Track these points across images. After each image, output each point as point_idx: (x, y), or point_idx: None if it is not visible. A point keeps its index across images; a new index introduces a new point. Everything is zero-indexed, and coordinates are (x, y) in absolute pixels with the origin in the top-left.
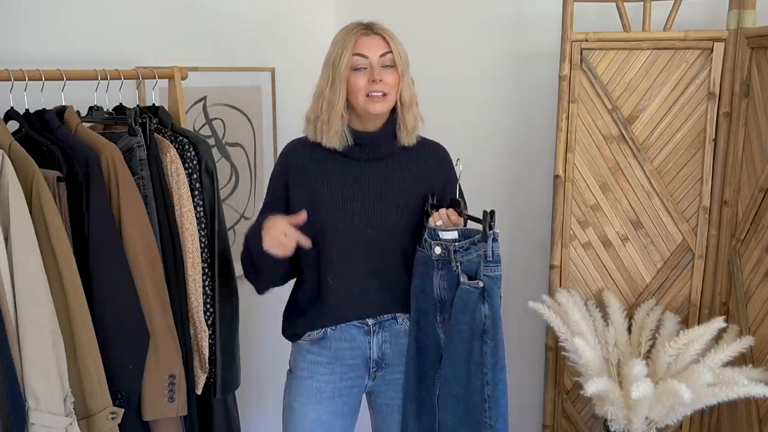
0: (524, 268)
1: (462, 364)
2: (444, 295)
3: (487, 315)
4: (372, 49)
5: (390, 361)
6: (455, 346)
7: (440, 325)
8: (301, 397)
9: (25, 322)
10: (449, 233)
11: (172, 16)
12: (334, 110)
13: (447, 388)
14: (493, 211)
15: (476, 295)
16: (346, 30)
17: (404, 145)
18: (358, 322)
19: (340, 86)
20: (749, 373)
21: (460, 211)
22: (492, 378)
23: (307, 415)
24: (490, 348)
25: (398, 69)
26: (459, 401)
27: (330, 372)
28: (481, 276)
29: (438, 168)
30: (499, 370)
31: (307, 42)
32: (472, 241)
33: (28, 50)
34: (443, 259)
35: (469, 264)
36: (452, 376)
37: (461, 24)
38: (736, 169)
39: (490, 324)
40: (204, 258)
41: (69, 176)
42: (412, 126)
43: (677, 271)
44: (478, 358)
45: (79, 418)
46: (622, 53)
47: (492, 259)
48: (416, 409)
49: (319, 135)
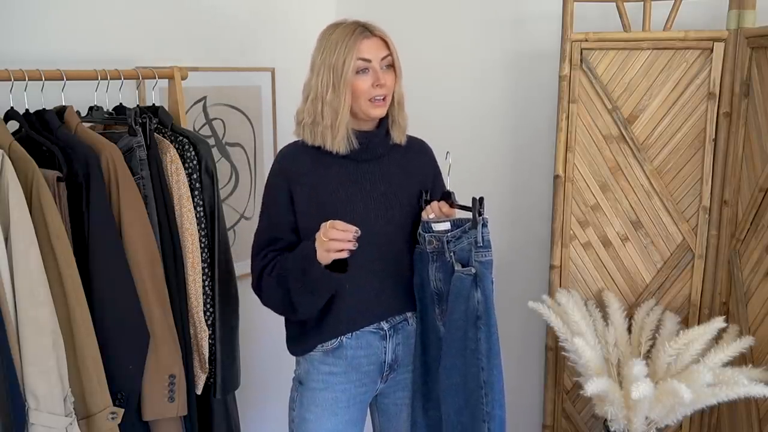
0: (524, 268)
1: (459, 353)
2: (440, 286)
3: (479, 300)
4: (374, 52)
5: (401, 362)
6: (452, 335)
7: (439, 318)
8: (317, 408)
9: (25, 322)
10: (441, 224)
11: (172, 16)
12: (340, 117)
13: (447, 379)
14: (482, 198)
15: (469, 282)
16: (343, 31)
17: (396, 143)
18: (374, 328)
19: (345, 92)
20: (749, 373)
21: (451, 202)
22: (487, 364)
23: (322, 426)
24: (484, 334)
25: (396, 70)
26: (459, 391)
27: (346, 381)
28: (473, 262)
29: (428, 164)
30: (493, 355)
31: (307, 42)
32: (463, 229)
33: (28, 50)
34: (437, 251)
35: (462, 252)
36: (451, 366)
37: (461, 24)
38: (736, 169)
39: (482, 309)
40: (204, 258)
41: (69, 176)
42: (406, 125)
43: (677, 271)
44: (473, 345)
45: (79, 418)
46: (622, 53)
47: (482, 245)
48: (423, 405)
49: (321, 139)
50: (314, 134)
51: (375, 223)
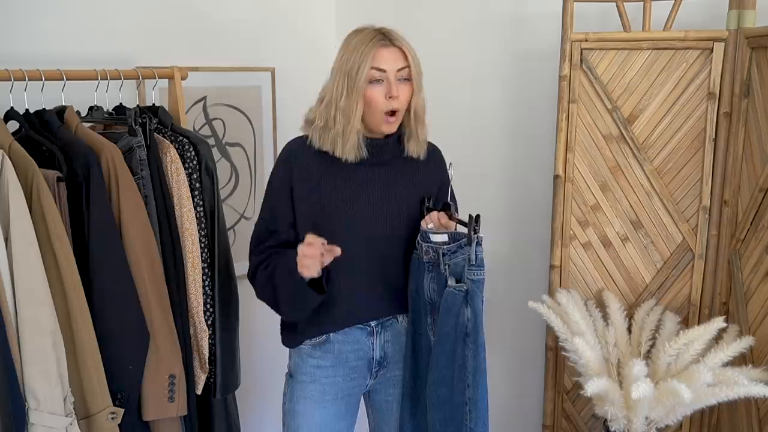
0: (524, 268)
1: (447, 366)
2: (434, 297)
3: (469, 318)
4: (390, 62)
5: (391, 359)
6: (441, 348)
7: (430, 327)
8: (305, 400)
9: (25, 321)
10: (439, 236)
11: (172, 16)
12: (351, 124)
13: (434, 390)
14: (478, 216)
15: (460, 298)
16: (363, 37)
17: (412, 156)
18: (362, 325)
19: (358, 99)
20: (749, 373)
21: (450, 214)
22: (473, 381)
23: (311, 418)
24: (471, 351)
25: (413, 83)
26: (445, 403)
27: (333, 374)
28: (465, 279)
29: (435, 170)
30: (479, 373)
31: (307, 42)
32: (459, 244)
33: (28, 50)
34: (433, 262)
35: (456, 267)
36: (439, 378)
37: (461, 24)
38: (736, 169)
39: (471, 327)
40: (204, 258)
41: (69, 176)
42: (424, 139)
43: (677, 271)
44: (460, 361)
45: (79, 418)
46: (622, 53)
47: (475, 263)
48: (411, 408)
49: (331, 145)
50: (324, 139)
51: (371, 227)
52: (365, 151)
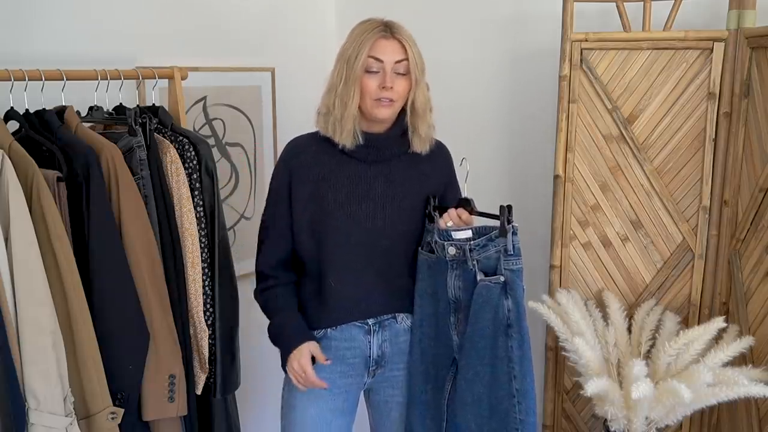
0: (524, 268)
1: (485, 362)
2: (459, 295)
3: (510, 309)
4: (388, 53)
5: (390, 359)
6: (477, 344)
7: (454, 327)
8: (301, 395)
9: (25, 322)
10: (462, 232)
11: (172, 16)
12: (348, 110)
13: (467, 391)
14: (510, 206)
15: (498, 290)
16: (365, 27)
17: (416, 151)
18: (359, 322)
19: (354, 86)
20: (749, 373)
21: (471, 209)
22: (520, 371)
23: (307, 412)
24: (516, 341)
25: (411, 77)
26: (482, 401)
27: (329, 370)
28: (502, 270)
29: (441, 168)
30: (526, 362)
31: (307, 42)
32: (488, 237)
33: (28, 50)
34: (458, 259)
35: (487, 261)
36: (473, 377)
37: (461, 24)
38: (736, 169)
39: (514, 317)
40: (204, 258)
41: (69, 176)
42: (426, 134)
43: (677, 271)
44: (503, 353)
45: (79, 418)
46: (622, 53)
47: (513, 253)
48: (422, 413)
49: (332, 130)
50: (326, 125)
51: (370, 224)
52: (361, 139)
